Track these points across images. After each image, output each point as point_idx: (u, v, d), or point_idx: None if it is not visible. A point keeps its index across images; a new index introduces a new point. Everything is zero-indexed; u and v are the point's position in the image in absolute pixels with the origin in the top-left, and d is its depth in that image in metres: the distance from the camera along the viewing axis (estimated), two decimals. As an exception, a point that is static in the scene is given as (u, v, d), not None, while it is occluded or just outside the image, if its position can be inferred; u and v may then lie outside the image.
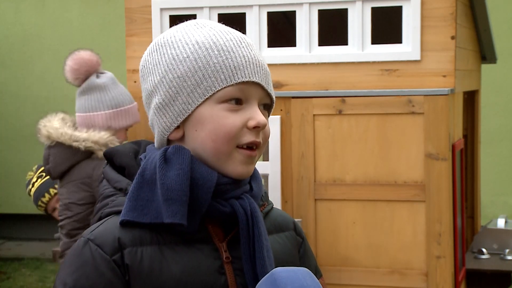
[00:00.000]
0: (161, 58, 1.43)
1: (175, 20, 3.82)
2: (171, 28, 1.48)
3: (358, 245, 3.58)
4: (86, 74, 3.54)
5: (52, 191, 4.24)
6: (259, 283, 1.33)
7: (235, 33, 1.44)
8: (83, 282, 1.34)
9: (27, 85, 8.24)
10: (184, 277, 1.36)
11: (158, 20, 3.81)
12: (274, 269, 1.33)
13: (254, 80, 1.40)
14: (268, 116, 1.48)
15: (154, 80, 1.43)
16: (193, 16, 3.76)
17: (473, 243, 4.38)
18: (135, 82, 3.84)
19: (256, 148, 1.42)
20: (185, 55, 1.40)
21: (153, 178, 1.38)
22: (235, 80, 1.38)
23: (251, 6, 3.67)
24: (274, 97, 1.46)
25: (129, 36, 3.89)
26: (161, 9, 3.81)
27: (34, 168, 4.39)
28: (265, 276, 1.33)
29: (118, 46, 6.72)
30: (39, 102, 8.19)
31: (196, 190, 1.37)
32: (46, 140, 3.55)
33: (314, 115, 3.60)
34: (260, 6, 3.66)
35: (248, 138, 1.40)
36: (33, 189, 4.32)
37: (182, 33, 1.43)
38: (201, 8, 3.74)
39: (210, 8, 3.72)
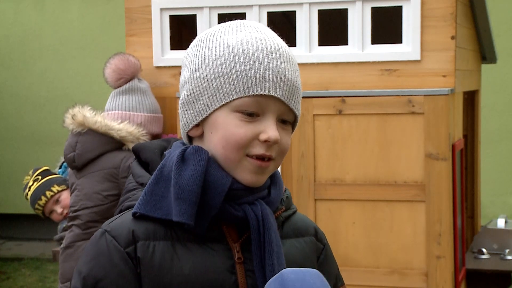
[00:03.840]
0: (196, 54, 1.44)
1: (175, 20, 3.82)
2: (220, 24, 1.48)
3: (358, 245, 3.58)
4: (131, 75, 3.61)
5: (48, 193, 4.23)
6: (267, 283, 1.33)
7: (271, 41, 1.42)
8: (97, 271, 1.37)
9: (27, 85, 8.23)
10: (193, 275, 1.38)
11: (158, 20, 3.81)
12: (283, 270, 1.33)
13: (273, 94, 1.38)
14: (292, 131, 1.46)
15: (186, 75, 1.45)
16: (193, 16, 3.76)
17: (473, 243, 4.38)
18: (135, 82, 3.85)
19: (268, 160, 1.41)
20: (214, 57, 1.40)
21: (170, 176, 1.39)
22: (252, 92, 1.38)
23: (251, 6, 3.67)
24: (298, 112, 1.44)
25: (129, 36, 3.89)
26: (161, 9, 3.81)
27: (30, 172, 4.39)
28: (274, 277, 1.33)
29: (118, 46, 6.71)
30: (39, 102, 8.18)
31: (209, 193, 1.38)
32: (78, 127, 3.52)
33: (314, 115, 3.60)
34: (260, 6, 3.66)
35: (257, 150, 1.40)
36: (29, 193, 4.32)
37: (221, 33, 1.43)
38: (201, 8, 3.74)
39: (210, 8, 3.72)
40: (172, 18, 3.83)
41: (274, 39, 1.43)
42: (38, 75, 8.21)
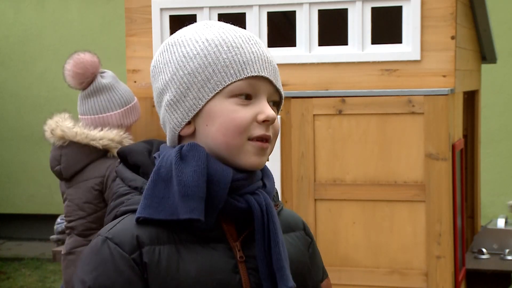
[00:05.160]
0: (171, 56, 1.45)
1: (175, 20, 3.82)
2: (180, 29, 1.50)
3: (358, 245, 3.58)
4: (91, 77, 3.49)
5: None
6: None
7: (243, 31, 1.47)
8: (103, 280, 1.34)
9: (27, 85, 8.24)
10: (200, 277, 1.37)
11: (158, 20, 3.81)
12: None
13: (263, 75, 1.42)
14: (278, 112, 1.49)
15: (165, 78, 1.45)
16: (193, 16, 3.76)
17: (473, 243, 4.37)
18: (135, 82, 3.85)
19: (266, 141, 1.43)
20: (195, 52, 1.42)
21: (169, 176, 1.38)
22: (244, 75, 1.40)
23: (251, 6, 3.67)
24: (283, 93, 1.48)
25: (129, 36, 3.89)
26: (161, 9, 3.81)
27: None
28: None
29: (118, 46, 6.71)
30: (39, 102, 8.19)
31: (212, 187, 1.38)
32: (58, 140, 3.47)
33: (314, 115, 3.60)
34: (260, 6, 3.66)
35: (258, 131, 1.41)
36: None
37: (192, 32, 1.46)
38: (201, 8, 3.74)
39: (210, 8, 3.72)
40: (172, 18, 3.83)
41: (243, 30, 1.48)
42: (38, 75, 8.21)
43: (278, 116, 3.82)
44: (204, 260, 1.38)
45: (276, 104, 1.48)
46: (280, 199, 3.84)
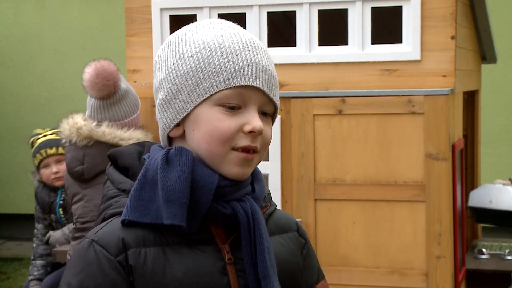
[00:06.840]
0: (169, 55, 1.44)
1: (175, 20, 3.83)
2: (188, 25, 1.49)
3: (358, 245, 3.58)
4: (117, 85, 3.44)
5: (61, 148, 4.16)
6: None
7: (244, 35, 1.43)
8: (88, 283, 1.34)
9: (27, 85, 8.23)
10: (186, 279, 1.37)
11: (158, 20, 3.81)
12: None
13: (254, 84, 1.39)
14: (273, 122, 1.47)
15: (161, 76, 1.44)
16: (193, 16, 3.76)
17: (470, 198, 4.30)
18: (135, 82, 3.85)
19: (253, 152, 1.41)
20: (189, 54, 1.40)
21: (155, 179, 1.38)
22: (233, 84, 1.38)
23: (251, 6, 3.67)
24: (277, 103, 1.45)
25: (129, 36, 3.89)
26: (161, 9, 3.81)
27: (47, 129, 4.37)
28: None
29: (118, 46, 6.71)
30: (39, 102, 8.18)
31: (197, 192, 1.37)
32: (83, 140, 3.41)
33: (314, 115, 3.60)
34: (260, 6, 3.66)
35: (243, 142, 1.39)
36: (42, 138, 4.30)
37: (193, 31, 1.44)
38: (201, 8, 3.74)
39: (210, 8, 3.72)
40: (172, 18, 3.83)
41: (246, 33, 1.44)
42: (38, 75, 8.20)
43: (278, 116, 3.83)
44: (191, 262, 1.38)
45: (270, 114, 1.45)
46: (280, 199, 3.83)
